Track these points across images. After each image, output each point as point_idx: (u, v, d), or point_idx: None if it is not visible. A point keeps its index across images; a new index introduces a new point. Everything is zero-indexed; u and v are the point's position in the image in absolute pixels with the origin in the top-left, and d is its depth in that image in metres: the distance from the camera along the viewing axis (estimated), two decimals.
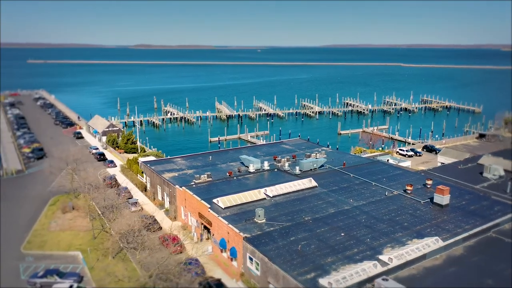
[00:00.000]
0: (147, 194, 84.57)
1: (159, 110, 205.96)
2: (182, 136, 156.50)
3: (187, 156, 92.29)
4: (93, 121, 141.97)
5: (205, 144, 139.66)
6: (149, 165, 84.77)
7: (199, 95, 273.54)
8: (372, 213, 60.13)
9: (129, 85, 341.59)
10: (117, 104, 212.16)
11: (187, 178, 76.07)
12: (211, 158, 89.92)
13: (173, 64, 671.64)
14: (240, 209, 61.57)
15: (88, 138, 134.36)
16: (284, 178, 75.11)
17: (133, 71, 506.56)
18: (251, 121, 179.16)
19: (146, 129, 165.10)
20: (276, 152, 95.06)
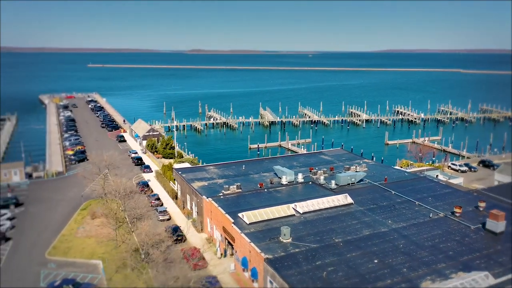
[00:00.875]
0: (177, 203, 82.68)
1: (203, 115, 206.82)
2: (223, 142, 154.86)
3: (220, 165, 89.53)
4: (136, 125, 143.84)
5: (244, 151, 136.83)
6: (180, 173, 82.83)
7: (245, 100, 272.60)
8: (413, 238, 53.72)
9: (178, 89, 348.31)
10: (163, 108, 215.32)
11: (216, 188, 73.12)
12: (244, 167, 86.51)
13: (223, 69, 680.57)
14: (266, 225, 57.42)
15: (130, 142, 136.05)
16: (318, 193, 70.05)
17: (185, 76, 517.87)
18: (294, 128, 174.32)
19: (188, 134, 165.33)
20: (314, 163, 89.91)
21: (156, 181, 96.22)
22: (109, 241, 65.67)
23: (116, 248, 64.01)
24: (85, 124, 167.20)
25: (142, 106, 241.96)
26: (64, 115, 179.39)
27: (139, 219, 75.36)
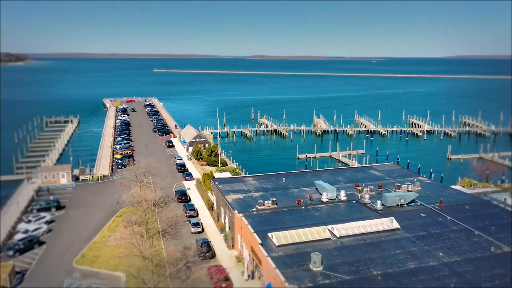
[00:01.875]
0: (212, 214, 79.44)
1: (255, 121, 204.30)
2: (271, 150, 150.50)
3: (260, 176, 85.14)
4: (184, 130, 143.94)
5: (291, 161, 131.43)
6: (216, 183, 79.59)
7: (300, 107, 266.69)
8: (468, 276, 45.75)
9: (235, 94, 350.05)
10: (216, 114, 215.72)
11: (250, 203, 68.80)
12: (285, 180, 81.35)
13: (283, 75, 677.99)
14: (297, 249, 52.06)
15: (178, 148, 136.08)
16: (361, 214, 63.26)
17: (244, 81, 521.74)
18: (348, 138, 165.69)
19: (238, 141, 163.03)
20: (361, 178, 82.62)
21: (196, 190, 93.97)
22: (137, 253, 63.57)
23: (143, 260, 61.73)
24: (139, 128, 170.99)
25: (196, 111, 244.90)
26: (120, 119, 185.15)
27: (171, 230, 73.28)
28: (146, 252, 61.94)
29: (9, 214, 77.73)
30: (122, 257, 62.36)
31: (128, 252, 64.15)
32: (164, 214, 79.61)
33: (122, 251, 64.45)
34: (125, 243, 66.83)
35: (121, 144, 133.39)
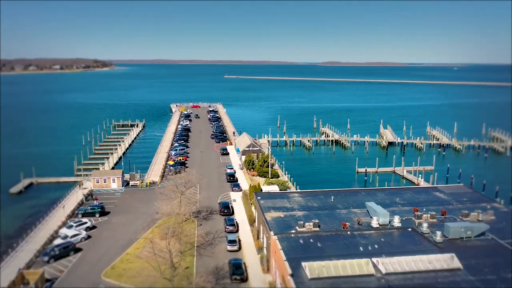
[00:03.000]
0: (253, 231, 74.34)
1: (317, 130, 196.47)
2: (329, 162, 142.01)
3: (307, 193, 78.56)
4: (240, 138, 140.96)
5: (350, 175, 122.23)
6: (259, 198, 74.45)
7: (368, 116, 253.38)
8: None
9: (301, 102, 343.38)
10: (277, 121, 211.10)
11: (291, 223, 62.68)
12: (333, 199, 73.94)
13: (353, 82, 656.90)
14: (333, 284, 45.22)
15: (233, 156, 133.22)
16: (415, 245, 54.37)
17: (312, 88, 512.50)
18: (417, 152, 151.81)
19: (296, 151, 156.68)
20: (422, 202, 72.62)
21: (241, 203, 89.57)
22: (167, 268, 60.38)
23: (172, 277, 58.31)
24: (198, 134, 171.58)
25: (258, 118, 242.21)
26: (182, 124, 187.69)
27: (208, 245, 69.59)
28: (167, 272, 58.47)
29: (55, 217, 79.19)
30: (150, 272, 59.53)
31: (160, 265, 61.36)
32: (203, 228, 76.58)
33: (153, 264, 61.72)
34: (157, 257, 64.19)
35: (176, 150, 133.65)
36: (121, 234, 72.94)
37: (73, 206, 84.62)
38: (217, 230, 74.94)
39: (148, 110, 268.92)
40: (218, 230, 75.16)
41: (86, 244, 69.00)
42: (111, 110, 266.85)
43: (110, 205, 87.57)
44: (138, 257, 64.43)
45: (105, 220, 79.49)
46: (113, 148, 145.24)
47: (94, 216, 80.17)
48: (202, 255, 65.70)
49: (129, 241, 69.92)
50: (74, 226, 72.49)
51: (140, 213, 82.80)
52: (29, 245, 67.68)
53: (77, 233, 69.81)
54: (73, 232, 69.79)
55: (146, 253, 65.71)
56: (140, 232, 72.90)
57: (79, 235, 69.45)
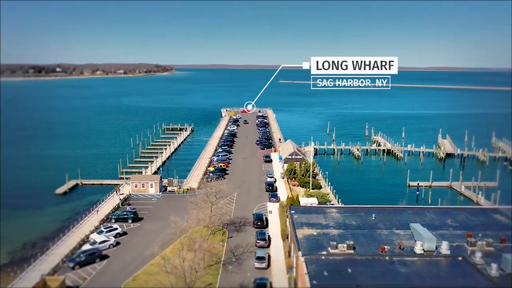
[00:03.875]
0: (285, 247, 69.49)
1: (369, 138, 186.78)
2: (378, 173, 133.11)
3: (346, 208, 72.46)
4: (283, 145, 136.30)
5: (400, 189, 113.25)
6: (293, 212, 69.58)
7: (427, 123, 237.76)
8: None
9: (356, 107, 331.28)
10: (327, 128, 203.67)
11: (323, 242, 57.26)
12: (375, 217, 67.22)
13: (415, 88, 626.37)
14: None
15: (275, 163, 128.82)
16: (465, 278, 46.92)
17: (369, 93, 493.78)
18: (479, 165, 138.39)
19: (343, 160, 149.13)
20: (479, 225, 63.94)
21: (277, 215, 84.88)
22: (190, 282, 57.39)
23: None
24: (244, 140, 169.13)
25: (307, 124, 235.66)
26: (228, 129, 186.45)
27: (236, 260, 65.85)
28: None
29: (90, 221, 79.39)
30: (171, 285, 56.78)
31: (182, 280, 58.51)
32: (234, 240, 72.99)
33: (175, 279, 59.01)
34: (180, 271, 61.39)
35: (219, 156, 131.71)
36: (150, 243, 71.05)
37: (109, 211, 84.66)
38: (248, 244, 70.97)
39: (198, 114, 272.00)
40: (249, 243, 71.17)
41: (113, 251, 67.92)
42: (164, 114, 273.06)
43: (144, 211, 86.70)
44: (161, 269, 61.95)
45: (137, 227, 78.44)
46: (159, 152, 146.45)
47: (126, 222, 79.45)
48: (228, 271, 62.02)
49: (157, 251, 67.84)
50: (104, 231, 71.87)
51: (171, 221, 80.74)
52: (59, 249, 67.82)
53: (106, 239, 68.98)
54: (102, 238, 69.06)
55: (171, 266, 63.24)
56: (168, 242, 70.68)
57: (108, 242, 68.54)
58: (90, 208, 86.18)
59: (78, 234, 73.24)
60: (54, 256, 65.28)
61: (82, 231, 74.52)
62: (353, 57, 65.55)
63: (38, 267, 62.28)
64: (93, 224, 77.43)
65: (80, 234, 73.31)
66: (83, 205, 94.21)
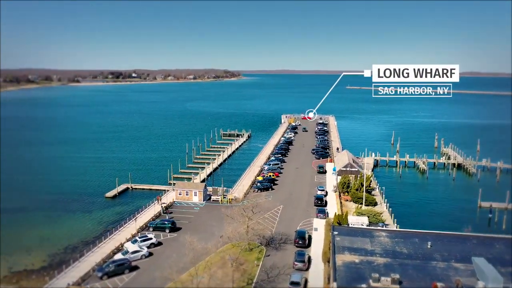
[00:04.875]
0: (325, 272, 62.63)
1: (438, 150, 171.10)
2: (445, 191, 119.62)
3: (398, 232, 63.85)
4: (339, 156, 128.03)
5: (469, 211, 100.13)
6: (336, 233, 62.54)
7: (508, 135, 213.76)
8: None
9: (428, 116, 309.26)
10: (392, 138, 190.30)
11: (365, 273, 49.93)
12: (431, 245, 58.10)
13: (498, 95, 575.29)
14: None
15: (329, 175, 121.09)
16: None
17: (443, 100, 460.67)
18: None
19: (406, 174, 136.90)
20: None
21: (323, 233, 77.84)
22: None
23: None
24: (300, 148, 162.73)
25: (371, 134, 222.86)
26: (285, 137, 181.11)
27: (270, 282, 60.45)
28: None
29: (129, 227, 78.38)
30: None
31: None
32: (271, 259, 67.56)
33: None
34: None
35: (270, 165, 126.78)
36: (183, 256, 67.73)
37: (148, 218, 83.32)
38: (285, 265, 65.16)
39: (258, 120, 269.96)
40: (287, 264, 65.32)
41: (144, 262, 65.66)
42: (225, 119, 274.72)
43: (184, 220, 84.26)
44: (189, 286, 58.33)
45: (173, 237, 75.89)
46: (211, 158, 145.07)
47: (164, 231, 77.34)
48: None
49: (188, 265, 64.21)
50: (139, 241, 70.08)
51: (210, 233, 77.07)
52: (93, 256, 67.05)
53: (138, 249, 66.98)
54: (135, 248, 67.18)
55: (198, 283, 59.39)
56: (200, 257, 66.91)
57: (140, 252, 66.48)
58: (131, 214, 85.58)
59: (114, 242, 72.23)
60: (86, 263, 64.46)
61: (118, 239, 73.49)
62: (415, 65, 65.28)
63: (69, 273, 61.67)
64: (130, 232, 76.25)
65: (116, 241, 72.24)
66: (128, 211, 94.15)
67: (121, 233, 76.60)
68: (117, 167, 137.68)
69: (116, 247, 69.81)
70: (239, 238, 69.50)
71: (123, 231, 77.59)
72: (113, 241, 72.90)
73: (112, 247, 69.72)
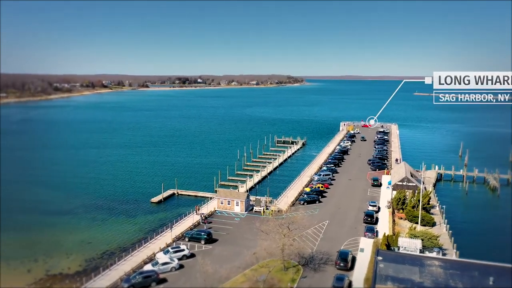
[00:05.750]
0: None
1: None
2: None
3: (454, 262, 55.42)
4: (396, 168, 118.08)
5: None
6: (380, 259, 55.59)
7: None
8: None
9: (501, 125, 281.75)
10: (460, 150, 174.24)
11: None
12: (494, 281, 49.33)
13: None
14: None
15: (384, 189, 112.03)
16: None
17: None
18: None
19: (474, 190, 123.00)
20: None
21: (369, 255, 70.59)
22: None
23: None
24: (356, 158, 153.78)
25: (437, 143, 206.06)
26: (340, 145, 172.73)
27: None
28: None
29: (164, 237, 76.63)
30: None
31: None
32: (307, 282, 61.85)
33: None
34: None
35: (320, 176, 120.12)
36: (214, 271, 64.18)
37: (186, 228, 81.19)
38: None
39: (316, 127, 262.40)
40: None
41: (173, 275, 63.05)
42: (282, 125, 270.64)
43: (222, 231, 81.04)
44: None
45: (208, 250, 72.78)
46: (262, 166, 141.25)
47: (199, 242, 74.58)
48: None
49: (217, 282, 60.72)
50: (170, 252, 67.78)
51: (245, 247, 72.91)
52: (124, 264, 65.87)
53: (169, 261, 64.54)
54: (166, 260, 64.87)
55: None
56: (231, 274, 62.96)
57: (170, 264, 64.02)
58: (170, 222, 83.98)
59: (148, 250, 70.72)
60: (116, 271, 63.25)
61: (152, 248, 71.89)
62: (476, 72, 65.23)
63: (98, 281, 60.82)
64: (165, 241, 74.42)
65: (150, 250, 70.67)
66: (170, 217, 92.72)
67: (156, 241, 75.05)
68: (167, 172, 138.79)
69: (148, 257, 68.13)
70: (274, 255, 64.58)
71: (159, 239, 76.04)
72: (147, 249, 71.43)
73: (144, 256, 68.16)
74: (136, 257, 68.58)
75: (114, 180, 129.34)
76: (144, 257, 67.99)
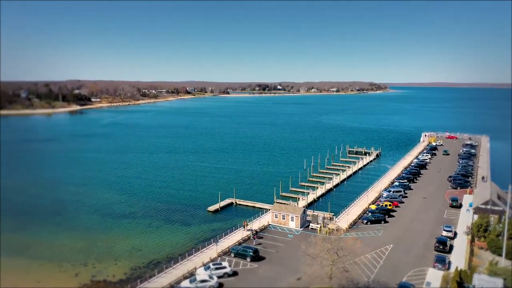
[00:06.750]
0: None
1: None
2: None
3: None
4: (481, 187, 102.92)
5: None
6: None
7: None
8: None
9: None
10: None
11: None
12: None
13: None
14: None
15: (464, 212, 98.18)
16: None
17: None
18: None
19: None
20: None
21: None
22: None
23: None
24: (435, 173, 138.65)
25: None
26: (418, 159, 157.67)
27: None
28: None
29: (210, 251, 73.33)
30: None
31: None
32: None
33: None
34: None
35: (390, 192, 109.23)
36: None
37: (234, 242, 77.21)
38: None
39: (393, 137, 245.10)
40: None
41: None
42: (357, 134, 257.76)
43: (272, 248, 75.76)
44: None
45: (252, 268, 67.87)
46: (328, 178, 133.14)
47: (244, 259, 70.07)
48: None
49: None
50: (212, 268, 64.06)
51: (293, 270, 66.78)
52: (163, 278, 63.67)
53: (207, 279, 60.78)
54: (204, 277, 61.19)
55: None
56: None
57: (208, 282, 60.24)
58: (218, 235, 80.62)
59: (190, 264, 67.97)
60: (154, 284, 61.01)
61: (195, 261, 68.98)
62: None
63: None
64: (210, 255, 71.07)
65: (192, 264, 67.86)
66: (224, 228, 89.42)
67: (201, 254, 72.11)
68: (230, 179, 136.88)
69: (189, 271, 65.21)
70: (321, 282, 57.75)
71: (205, 252, 73.07)
72: (190, 262, 68.69)
73: (185, 270, 65.40)
74: (177, 269, 66.10)
75: (178, 185, 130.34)
76: (186, 271, 65.22)
